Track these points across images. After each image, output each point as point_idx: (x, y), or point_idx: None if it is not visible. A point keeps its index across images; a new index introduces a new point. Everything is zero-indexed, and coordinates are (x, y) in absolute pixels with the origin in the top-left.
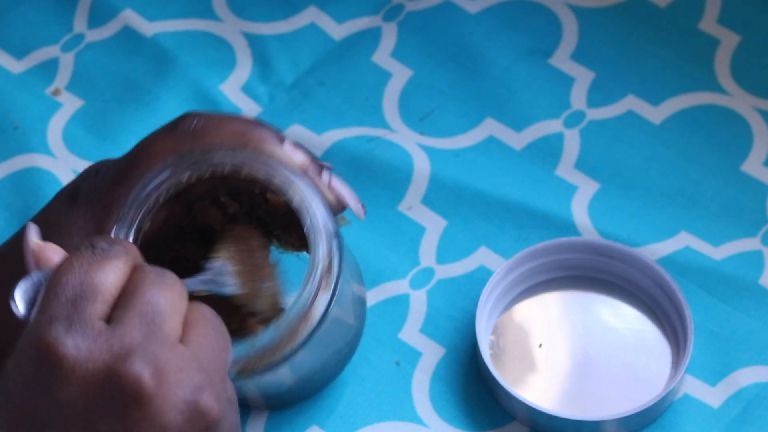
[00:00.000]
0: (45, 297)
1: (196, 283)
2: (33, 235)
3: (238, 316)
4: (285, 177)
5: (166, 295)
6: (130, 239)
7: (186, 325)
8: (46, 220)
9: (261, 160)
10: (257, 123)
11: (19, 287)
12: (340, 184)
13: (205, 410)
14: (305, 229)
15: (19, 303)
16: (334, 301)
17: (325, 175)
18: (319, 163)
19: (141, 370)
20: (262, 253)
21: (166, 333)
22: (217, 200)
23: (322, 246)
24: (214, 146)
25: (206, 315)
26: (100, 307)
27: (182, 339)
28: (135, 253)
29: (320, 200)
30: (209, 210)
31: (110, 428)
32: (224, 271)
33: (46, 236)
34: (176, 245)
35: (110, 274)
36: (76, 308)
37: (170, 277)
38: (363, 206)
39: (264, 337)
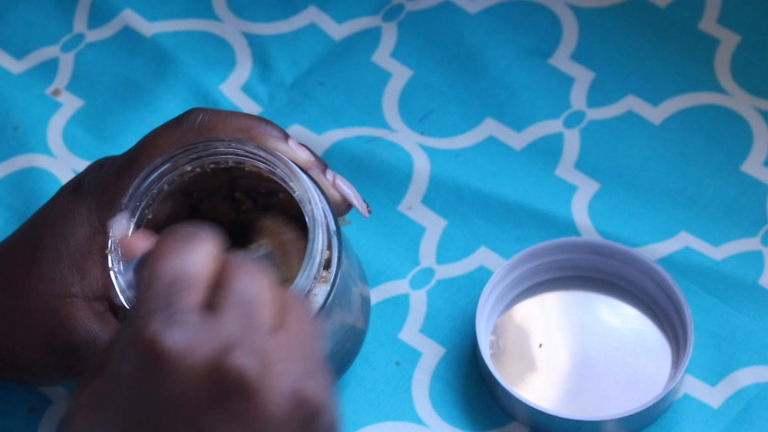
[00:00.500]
0: (141, 288)
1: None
2: (117, 229)
3: None
4: (288, 169)
5: (259, 283)
6: (131, 229)
7: (279, 313)
8: (49, 212)
9: (264, 152)
10: (262, 119)
11: (117, 280)
12: (344, 183)
13: (310, 398)
14: (306, 220)
15: (120, 296)
16: (332, 295)
17: (329, 173)
18: (323, 162)
19: (245, 362)
20: (299, 243)
21: (264, 321)
22: (231, 196)
23: (320, 238)
24: (217, 138)
25: (295, 301)
26: (195, 296)
27: (278, 327)
28: (220, 238)
29: (321, 196)
30: (219, 206)
31: (217, 422)
32: (270, 257)
33: (49, 229)
34: None
35: (201, 260)
36: (173, 299)
37: (255, 263)
38: (368, 205)
39: None
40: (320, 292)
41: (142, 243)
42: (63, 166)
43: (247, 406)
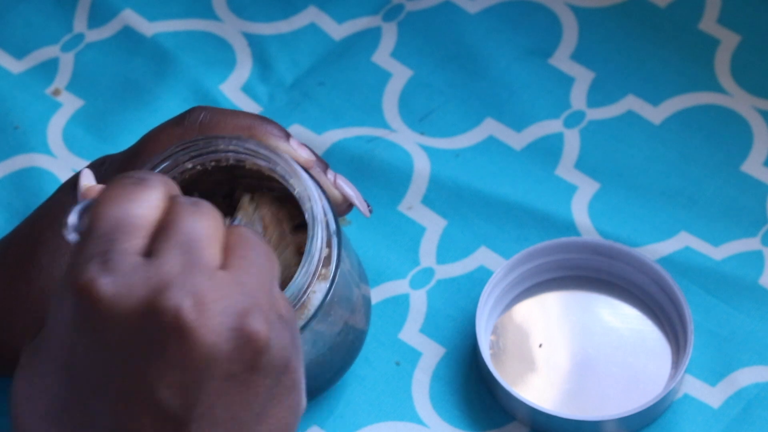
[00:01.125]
0: (84, 235)
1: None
2: (84, 179)
3: None
4: (288, 166)
5: (203, 223)
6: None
7: (226, 250)
8: (50, 208)
9: (265, 149)
10: (264, 118)
11: (68, 218)
12: (345, 183)
13: (252, 334)
14: (306, 217)
15: (70, 234)
16: (332, 292)
17: (330, 173)
18: (324, 162)
19: (179, 301)
20: (290, 224)
21: (205, 261)
22: (230, 196)
23: (320, 234)
24: (218, 135)
25: (246, 236)
26: (136, 241)
27: (223, 264)
28: (171, 185)
29: (321, 194)
30: (219, 206)
31: (155, 366)
32: (252, 223)
33: (49, 224)
34: None
35: (145, 206)
36: (112, 244)
37: (205, 205)
38: (368, 204)
39: None
40: (319, 290)
41: (98, 189)
42: (63, 166)
43: (186, 347)
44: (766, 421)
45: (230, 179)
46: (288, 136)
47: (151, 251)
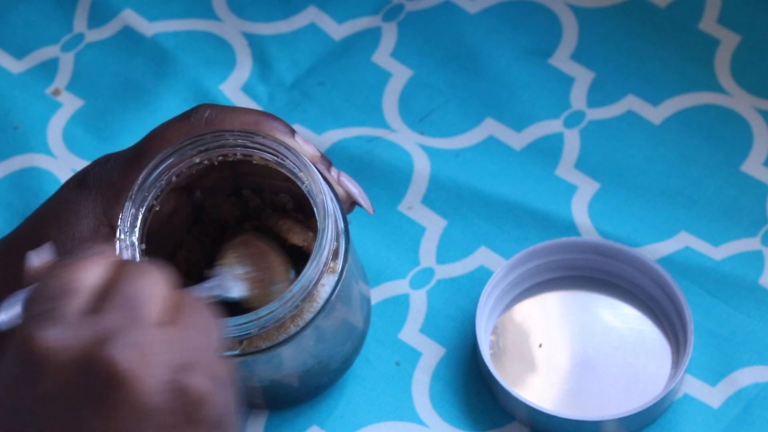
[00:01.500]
0: (29, 301)
1: (201, 289)
2: (33, 261)
3: None
4: (297, 159)
5: (147, 283)
6: (139, 219)
7: (171, 311)
8: (54, 205)
9: (273, 142)
10: (269, 115)
11: (6, 302)
12: (348, 181)
13: (190, 389)
14: (315, 210)
15: (3, 314)
16: (339, 286)
17: (334, 171)
18: (328, 160)
19: (117, 353)
20: (273, 254)
21: (147, 317)
22: (236, 194)
23: (330, 228)
24: (225, 129)
25: (192, 302)
26: (79, 301)
27: (165, 323)
28: (116, 252)
29: (329, 189)
30: (224, 204)
31: (92, 417)
32: (229, 276)
33: (52, 223)
34: (186, 238)
35: (89, 273)
36: (56, 304)
37: (150, 266)
38: (371, 206)
39: (267, 310)
40: (328, 283)
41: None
42: (63, 166)
43: (121, 398)
44: (766, 421)
45: (234, 177)
46: (293, 132)
47: (93, 310)
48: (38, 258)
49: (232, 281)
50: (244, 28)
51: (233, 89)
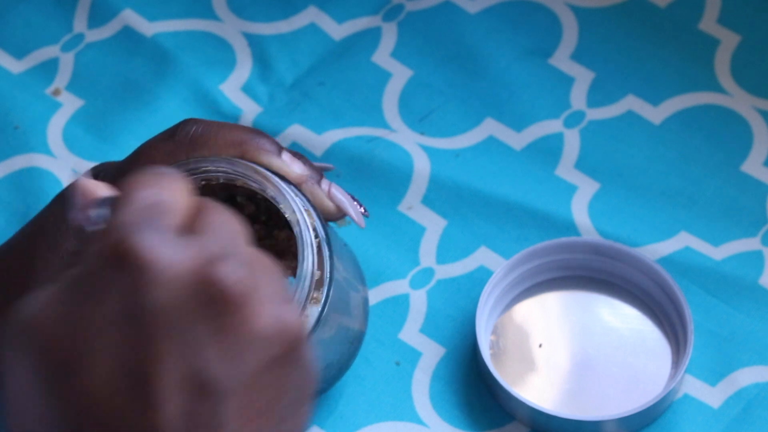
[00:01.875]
0: (117, 209)
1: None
2: (86, 179)
3: None
4: (277, 188)
5: (235, 221)
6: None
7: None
8: (44, 220)
9: (253, 171)
10: (256, 132)
11: (89, 210)
12: (339, 193)
13: (293, 324)
14: (297, 241)
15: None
16: (323, 315)
17: (325, 183)
18: (319, 172)
19: (235, 272)
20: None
21: (243, 246)
22: (231, 201)
23: (309, 259)
24: (207, 158)
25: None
26: (174, 220)
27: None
28: (195, 189)
29: (314, 212)
30: None
31: (201, 335)
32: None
33: (41, 238)
34: None
35: (177, 193)
36: (153, 218)
37: (229, 211)
38: (365, 210)
39: None
40: (312, 313)
41: (104, 188)
42: (63, 166)
43: (232, 320)
44: (766, 421)
45: (227, 187)
46: (280, 149)
47: (191, 230)
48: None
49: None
50: (244, 28)
51: (233, 89)
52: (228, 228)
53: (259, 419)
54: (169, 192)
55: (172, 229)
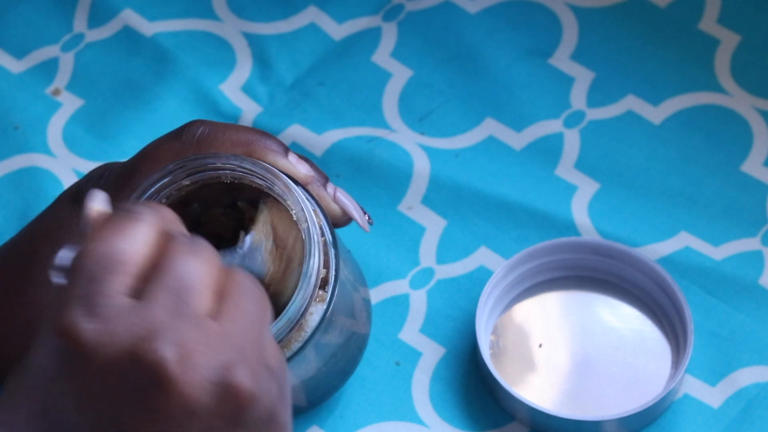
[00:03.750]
0: (71, 274)
1: (231, 258)
2: (96, 202)
3: None
4: (285, 186)
5: (197, 267)
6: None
7: (220, 296)
8: (47, 220)
9: (261, 168)
10: (263, 133)
11: (59, 256)
12: (345, 197)
13: (236, 388)
14: (303, 238)
15: (55, 274)
16: (329, 313)
17: (330, 187)
18: (324, 175)
19: (163, 351)
20: (295, 233)
21: (195, 309)
22: (232, 206)
23: (315, 257)
24: (216, 154)
25: (243, 283)
26: (122, 280)
27: (213, 312)
28: (168, 218)
29: (320, 212)
30: (220, 217)
31: (135, 416)
32: (258, 248)
33: (45, 238)
34: None
35: (135, 242)
36: (97, 285)
37: (203, 245)
38: (369, 217)
39: None
40: (316, 311)
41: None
42: (63, 165)
43: (166, 399)
44: (766, 421)
45: (231, 189)
46: (287, 151)
47: (139, 292)
48: (96, 204)
49: (259, 253)
50: (244, 28)
51: (233, 89)
52: (186, 277)
53: None
54: (129, 242)
55: (120, 292)
